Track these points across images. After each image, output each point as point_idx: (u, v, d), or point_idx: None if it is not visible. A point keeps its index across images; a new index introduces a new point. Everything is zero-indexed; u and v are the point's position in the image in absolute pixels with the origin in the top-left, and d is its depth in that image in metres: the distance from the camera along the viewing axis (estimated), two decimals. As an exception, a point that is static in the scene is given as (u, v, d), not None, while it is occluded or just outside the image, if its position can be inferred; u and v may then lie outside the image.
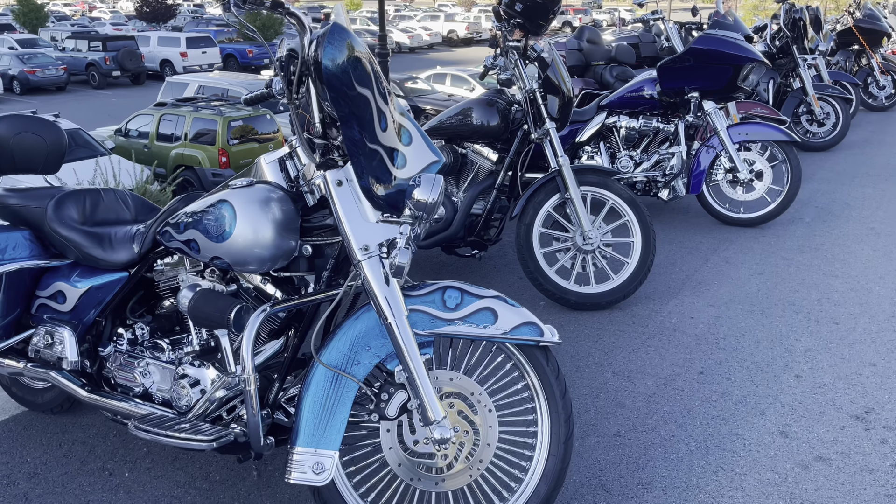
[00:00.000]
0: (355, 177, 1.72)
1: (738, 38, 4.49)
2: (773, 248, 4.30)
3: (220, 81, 15.38)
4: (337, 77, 1.61)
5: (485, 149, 3.70)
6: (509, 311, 1.88)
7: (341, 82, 1.61)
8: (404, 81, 18.66)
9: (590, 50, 6.94)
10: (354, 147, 1.68)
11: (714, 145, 4.69)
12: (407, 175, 1.79)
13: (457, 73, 19.25)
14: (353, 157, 1.68)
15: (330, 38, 1.61)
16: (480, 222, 3.70)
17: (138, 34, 27.92)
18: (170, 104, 12.94)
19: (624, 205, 3.53)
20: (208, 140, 10.83)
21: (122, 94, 23.06)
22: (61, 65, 23.86)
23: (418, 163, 1.83)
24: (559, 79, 3.51)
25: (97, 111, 19.11)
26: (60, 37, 27.99)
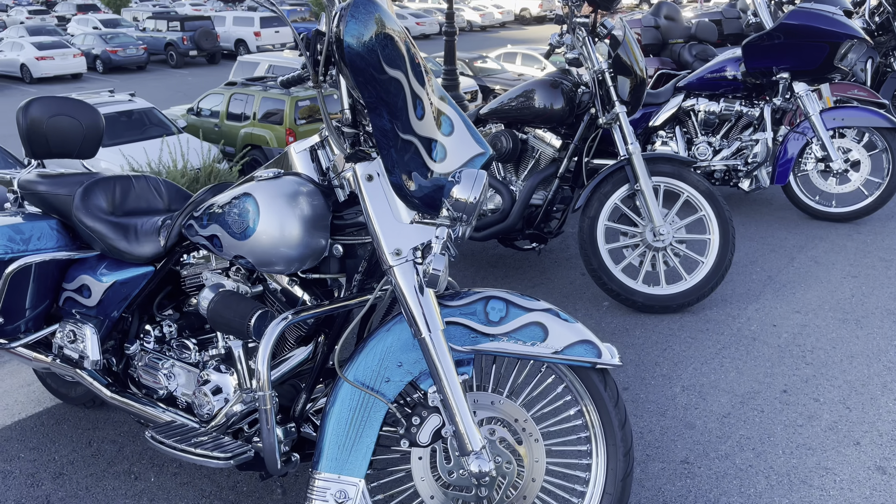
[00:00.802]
0: (385, 171, 1.51)
1: (837, 13, 4.04)
2: (869, 248, 3.87)
3: (290, 61, 15.45)
4: (362, 57, 1.38)
5: (547, 134, 3.43)
6: (562, 326, 1.63)
7: (367, 63, 1.39)
8: (473, 60, 18.35)
9: (667, 27, 6.49)
10: (384, 138, 1.46)
11: (804, 131, 4.26)
12: (447, 169, 1.57)
13: (528, 52, 18.78)
14: (383, 149, 1.47)
15: (354, 12, 1.39)
16: (540, 214, 3.44)
17: (215, 14, 28.51)
18: (240, 83, 13.07)
19: (701, 198, 3.20)
20: (276, 120, 10.90)
21: (198, 73, 23.59)
22: (142, 44, 24.60)
23: (460, 155, 1.60)
24: (631, 58, 3.19)
25: (174, 90, 19.59)
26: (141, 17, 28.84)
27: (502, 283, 3.57)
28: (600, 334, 3.00)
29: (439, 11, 33.64)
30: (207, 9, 37.33)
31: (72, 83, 22.11)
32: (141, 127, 11.66)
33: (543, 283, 3.57)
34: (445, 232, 1.51)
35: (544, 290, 3.48)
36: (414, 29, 31.55)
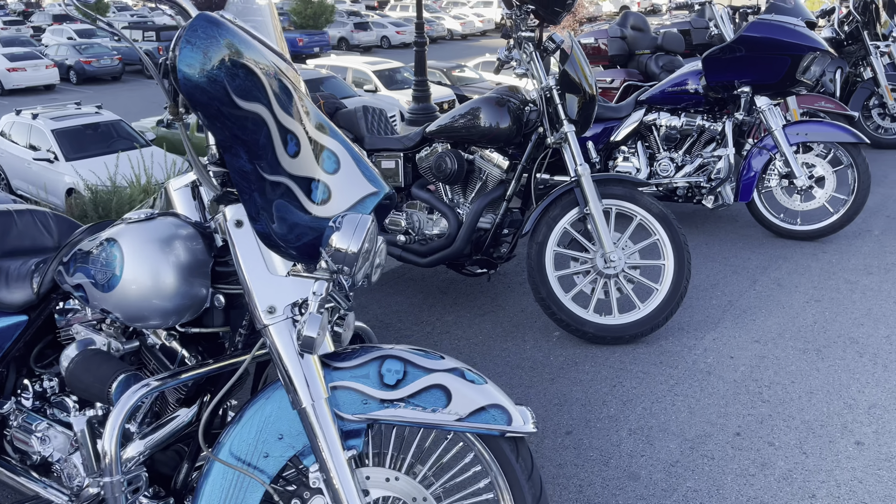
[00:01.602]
0: (248, 219, 1.31)
1: (798, 24, 3.90)
2: (834, 269, 3.72)
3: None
4: (202, 90, 1.19)
5: (494, 154, 3.24)
6: (468, 389, 1.43)
7: (211, 97, 1.19)
8: (451, 70, 18.22)
9: (634, 37, 6.35)
10: (244, 181, 1.26)
11: (767, 146, 4.11)
12: (333, 211, 1.37)
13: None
14: (244, 193, 1.27)
15: (190, 36, 1.19)
16: (488, 238, 3.25)
17: (191, 24, 28.16)
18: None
19: (654, 221, 3.03)
20: None
21: (174, 83, 23.26)
22: (116, 55, 24.27)
23: (349, 196, 1.41)
24: (579, 75, 3.02)
25: (148, 101, 19.28)
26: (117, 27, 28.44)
27: (451, 311, 3.38)
28: (549, 368, 2.82)
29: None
30: (186, 18, 36.95)
31: (44, 94, 21.75)
32: (108, 140, 11.39)
33: (494, 310, 3.38)
34: (324, 287, 1.31)
35: (494, 318, 3.29)
36: (394, 38, 31.42)
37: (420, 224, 3.42)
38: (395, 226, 3.48)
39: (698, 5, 4.47)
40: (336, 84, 14.93)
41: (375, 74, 16.90)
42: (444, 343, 3.07)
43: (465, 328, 3.20)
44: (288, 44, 11.23)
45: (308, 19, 30.06)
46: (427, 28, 35.81)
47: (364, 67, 17.13)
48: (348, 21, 32.15)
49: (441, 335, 3.14)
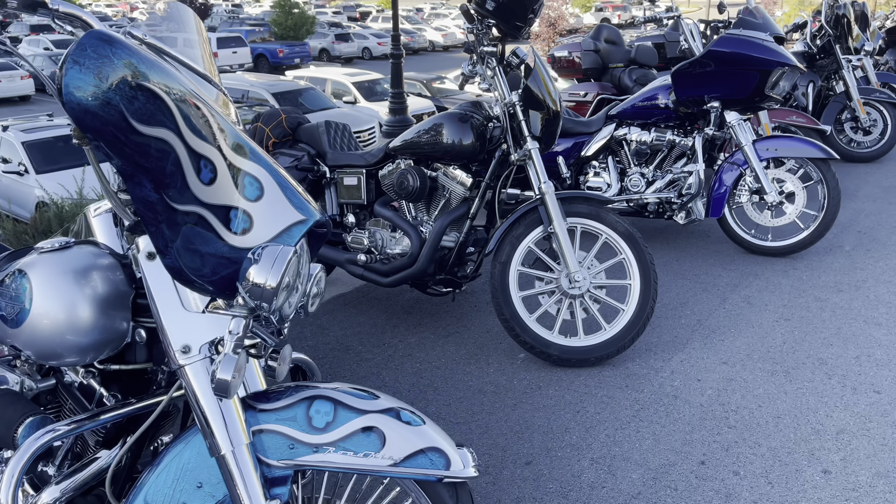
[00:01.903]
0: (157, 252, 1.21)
1: (766, 39, 3.87)
2: (804, 286, 3.67)
3: (240, 83, 15.12)
4: (93, 114, 1.09)
5: (457, 171, 3.16)
6: (404, 431, 1.34)
7: (103, 122, 1.10)
8: (432, 81, 18.19)
9: (608, 51, 6.33)
10: (149, 212, 1.16)
11: (738, 162, 4.07)
12: (255, 241, 1.27)
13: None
14: (150, 225, 1.17)
15: (78, 55, 1.09)
16: (452, 257, 3.17)
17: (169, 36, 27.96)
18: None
19: (619, 240, 2.96)
20: None
21: (153, 94, 23.05)
22: (92, 66, 23.97)
23: (273, 224, 1.31)
24: (543, 91, 2.95)
25: (125, 112, 19.01)
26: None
27: (415, 332, 3.29)
28: (512, 393, 2.73)
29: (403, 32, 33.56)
30: (166, 29, 36.72)
31: (20, 105, 21.44)
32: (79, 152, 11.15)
33: (458, 331, 3.29)
34: (242, 325, 1.22)
35: (458, 339, 3.20)
36: (376, 49, 31.39)
37: (383, 242, 3.33)
38: (358, 244, 3.39)
39: (667, 20, 4.44)
40: (315, 95, 14.84)
41: (355, 86, 16.82)
42: (406, 366, 2.97)
43: (427, 350, 3.11)
44: (268, 55, 11.41)
45: (289, 30, 30.00)
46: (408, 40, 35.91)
47: (343, 79, 17.05)
48: (329, 32, 32.11)
49: (403, 358, 3.05)
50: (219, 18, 42.68)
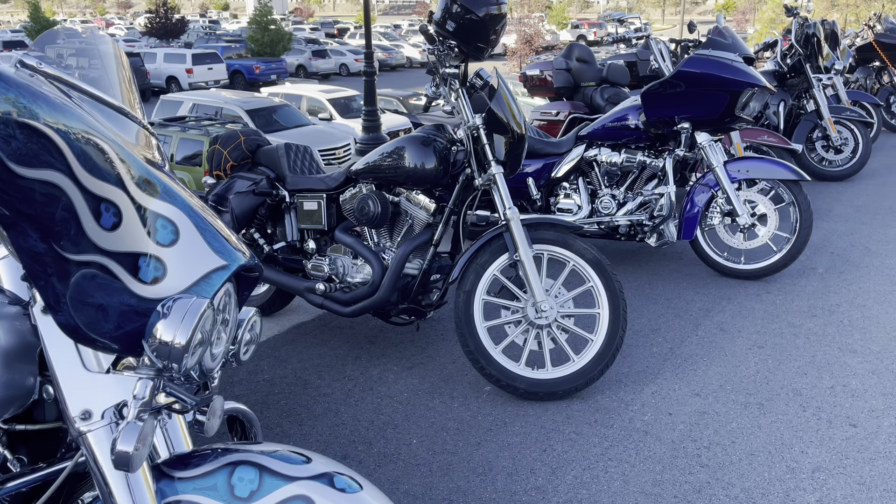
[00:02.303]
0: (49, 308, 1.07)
1: (735, 60, 3.82)
2: (778, 311, 3.59)
3: (214, 100, 14.95)
4: None
5: (420, 196, 3.05)
6: (338, 499, 1.21)
7: None
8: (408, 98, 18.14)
9: (579, 69, 6.28)
10: (36, 264, 1.03)
11: (710, 184, 4.01)
12: (166, 292, 1.14)
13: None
14: (38, 279, 1.03)
15: None
16: (416, 285, 3.04)
17: (146, 51, 27.83)
18: (157, 124, 12.54)
19: (587, 268, 2.86)
20: (196, 162, 10.42)
21: (126, 111, 22.79)
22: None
23: (189, 271, 1.18)
24: (507, 114, 2.85)
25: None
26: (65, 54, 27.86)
27: (378, 363, 3.15)
28: (476, 430, 2.60)
29: (378, 48, 33.56)
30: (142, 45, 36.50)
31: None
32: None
33: (423, 362, 3.16)
34: (148, 388, 1.08)
35: (422, 371, 3.07)
36: (353, 65, 31.32)
37: (344, 270, 3.19)
38: (318, 271, 3.26)
39: (636, 40, 4.39)
40: (289, 112, 14.70)
41: (330, 102, 16.72)
42: (367, 401, 2.83)
43: (390, 384, 2.97)
44: (244, 71, 11.19)
45: (265, 46, 29.84)
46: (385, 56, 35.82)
47: (319, 95, 16.95)
48: (306, 48, 32.02)
49: (363, 392, 2.91)
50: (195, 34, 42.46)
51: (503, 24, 2.83)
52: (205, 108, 14.90)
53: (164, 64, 26.34)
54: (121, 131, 1.24)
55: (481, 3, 2.71)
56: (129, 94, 1.42)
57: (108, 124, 1.16)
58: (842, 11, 34.27)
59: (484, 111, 2.87)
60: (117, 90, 1.40)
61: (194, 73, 25.84)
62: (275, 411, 2.76)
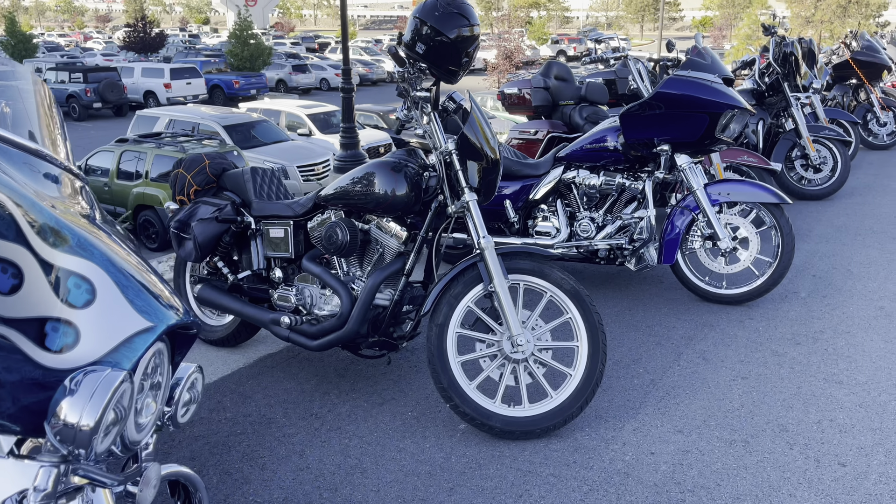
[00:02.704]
0: None
1: (716, 81, 3.75)
2: (761, 338, 3.50)
3: (191, 115, 14.77)
4: None
5: (391, 224, 2.92)
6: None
7: None
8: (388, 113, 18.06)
9: (558, 87, 6.20)
10: None
11: (690, 206, 3.92)
12: (79, 360, 1.00)
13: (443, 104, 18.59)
14: None
15: None
16: (387, 316, 2.90)
17: (124, 65, 27.56)
18: (131, 140, 12.34)
19: (565, 299, 2.74)
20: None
21: (103, 126, 22.51)
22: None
23: (108, 335, 1.04)
24: (480, 138, 2.74)
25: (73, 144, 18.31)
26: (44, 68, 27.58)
27: (348, 399, 3.00)
28: (448, 473, 2.46)
29: (359, 63, 33.50)
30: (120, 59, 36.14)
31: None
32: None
33: (395, 397, 3.02)
34: (50, 477, 0.94)
35: (394, 407, 2.93)
36: (333, 80, 31.20)
37: (312, 300, 3.05)
38: (284, 302, 3.11)
39: (613, 60, 4.31)
40: (267, 128, 14.54)
41: (310, 118, 16.59)
42: (334, 442, 2.68)
43: (359, 422, 2.82)
44: (224, 86, 10.95)
45: (245, 61, 29.67)
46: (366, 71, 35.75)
47: (298, 111, 16.80)
48: (287, 63, 31.90)
49: (331, 432, 2.75)
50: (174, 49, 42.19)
51: (476, 46, 2.72)
52: (182, 123, 14.73)
53: (142, 78, 26.11)
54: (33, 177, 1.10)
55: (452, 24, 2.60)
56: (50, 134, 1.28)
57: (11, 171, 1.02)
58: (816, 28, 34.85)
59: (457, 135, 2.75)
60: (37, 129, 1.26)
61: (172, 88, 25.63)
62: (236, 454, 2.60)
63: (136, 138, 12.24)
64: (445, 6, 2.60)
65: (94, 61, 35.62)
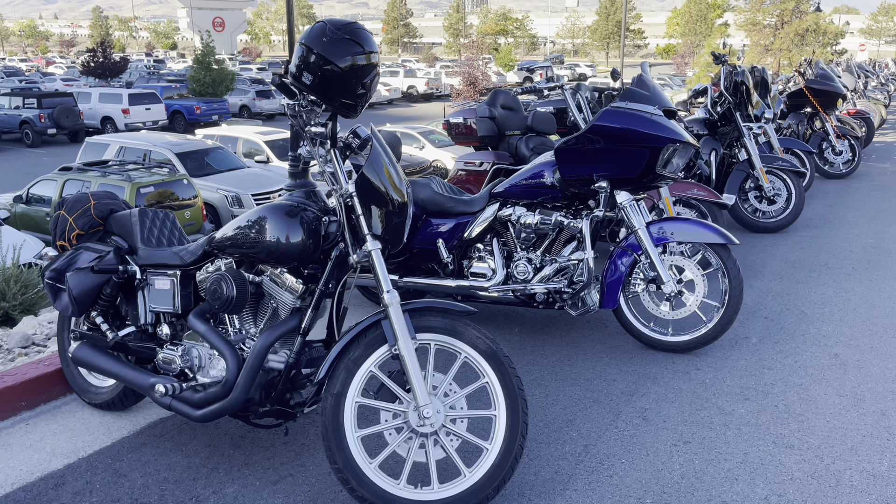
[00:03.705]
0: None
1: (655, 113, 3.49)
2: (708, 392, 3.20)
3: (143, 142, 14.31)
4: None
5: (287, 276, 2.57)
6: None
7: None
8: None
9: (504, 117, 5.93)
10: None
11: (632, 247, 3.64)
12: None
13: (406, 131, 18.37)
14: None
15: None
16: (281, 381, 2.55)
17: (81, 90, 27.00)
18: (76, 168, 11.86)
19: (481, 361, 2.41)
20: None
21: (57, 152, 21.90)
22: (-11, 122, 22.75)
23: None
24: (383, 178, 2.42)
25: (24, 172, 17.86)
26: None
27: (238, 476, 2.62)
28: (340, 572, 2.09)
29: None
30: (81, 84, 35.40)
31: None
32: None
33: (293, 473, 2.64)
34: None
35: (290, 486, 2.55)
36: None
37: (199, 363, 2.68)
38: (169, 364, 2.73)
39: (548, 90, 4.05)
40: (222, 155, 14.15)
41: (267, 144, 16.23)
42: (212, 533, 2.30)
43: (245, 506, 2.44)
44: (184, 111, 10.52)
45: (207, 87, 29.24)
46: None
47: (255, 137, 16.43)
48: (250, 88, 31.55)
49: (210, 520, 2.37)
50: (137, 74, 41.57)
51: (374, 76, 2.40)
52: (133, 150, 14.27)
53: (100, 104, 25.56)
54: None
55: (342, 52, 2.28)
56: None
57: None
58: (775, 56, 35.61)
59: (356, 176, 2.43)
60: None
61: (131, 114, 25.13)
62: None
63: (80, 166, 11.76)
64: (334, 31, 2.28)
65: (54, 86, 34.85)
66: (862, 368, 3.41)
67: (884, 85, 19.25)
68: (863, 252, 5.48)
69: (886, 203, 7.40)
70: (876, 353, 3.58)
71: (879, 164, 10.15)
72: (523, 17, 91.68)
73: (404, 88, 39.60)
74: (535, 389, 3.27)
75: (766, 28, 36.72)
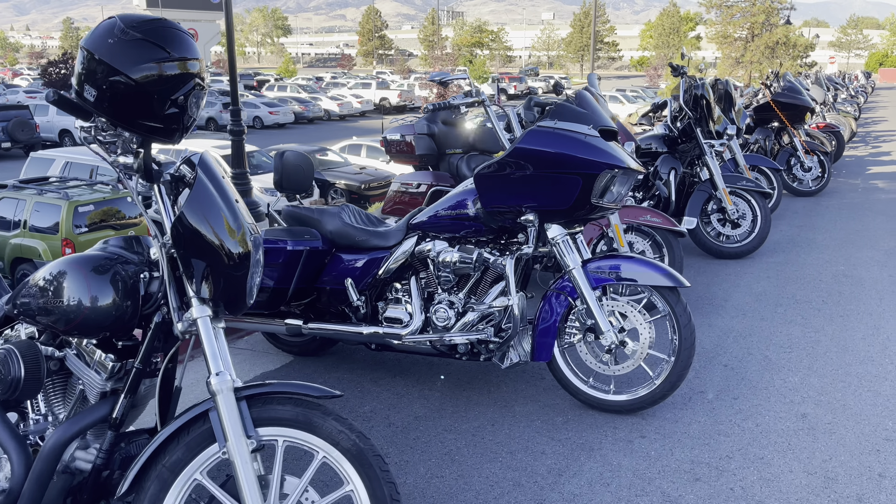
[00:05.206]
0: None
1: (589, 134, 2.96)
2: (651, 470, 2.66)
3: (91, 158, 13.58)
4: None
5: (96, 351, 1.98)
6: None
7: None
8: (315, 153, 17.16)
9: (444, 134, 5.38)
10: None
11: (566, 289, 3.10)
12: None
13: (373, 144, 17.81)
14: None
15: None
16: (89, 486, 1.95)
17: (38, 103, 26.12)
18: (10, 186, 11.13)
19: (344, 463, 1.85)
20: (52, 228, 9.16)
21: (11, 167, 20.98)
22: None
23: None
24: (212, 224, 1.83)
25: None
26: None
27: None
28: None
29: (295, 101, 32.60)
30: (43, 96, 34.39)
31: None
32: None
33: None
34: None
35: None
36: (267, 118, 30.20)
37: (-9, 460, 2.07)
38: (-45, 462, 2.12)
39: (466, 107, 3.50)
40: (173, 171, 13.49)
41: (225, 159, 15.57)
42: None
43: None
44: None
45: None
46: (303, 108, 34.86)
47: (213, 151, 15.77)
48: (217, 101, 30.82)
49: None
50: (103, 86, 40.54)
51: (191, 88, 1.81)
52: (79, 166, 13.52)
53: (57, 117, 24.74)
54: None
55: (135, 57, 1.68)
56: None
57: None
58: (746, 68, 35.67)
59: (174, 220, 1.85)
60: None
61: (90, 128, 24.27)
62: None
63: (16, 183, 11.05)
64: (126, 31, 1.69)
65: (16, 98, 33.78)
66: (833, 434, 2.88)
67: (853, 97, 19.11)
68: (833, 281, 5.00)
69: (857, 223, 6.97)
70: (849, 412, 3.06)
71: (850, 180, 9.78)
72: (499, 29, 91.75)
73: (377, 100, 39.06)
74: (446, 468, 2.70)
75: (737, 41, 36.84)
